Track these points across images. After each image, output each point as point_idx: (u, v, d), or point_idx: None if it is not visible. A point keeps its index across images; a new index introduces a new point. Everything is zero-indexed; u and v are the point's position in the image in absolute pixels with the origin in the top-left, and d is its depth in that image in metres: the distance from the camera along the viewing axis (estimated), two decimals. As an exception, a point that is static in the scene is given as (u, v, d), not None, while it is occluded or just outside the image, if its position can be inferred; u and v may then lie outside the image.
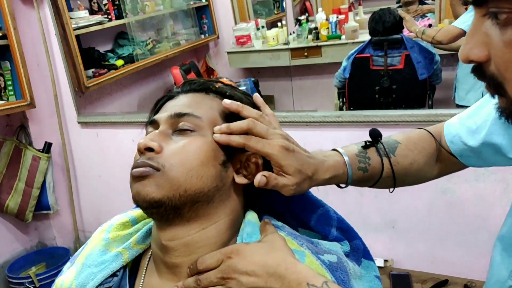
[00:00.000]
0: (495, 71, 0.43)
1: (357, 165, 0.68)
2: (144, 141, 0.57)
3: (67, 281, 0.65)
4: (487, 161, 0.72)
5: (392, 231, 1.69)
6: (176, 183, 0.55)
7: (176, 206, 0.56)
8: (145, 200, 0.55)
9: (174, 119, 0.59)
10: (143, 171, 0.56)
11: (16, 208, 2.11)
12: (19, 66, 1.94)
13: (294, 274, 0.51)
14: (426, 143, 0.75)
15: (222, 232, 0.60)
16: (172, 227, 0.58)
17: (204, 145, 0.58)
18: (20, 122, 2.20)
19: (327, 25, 2.60)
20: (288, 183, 0.58)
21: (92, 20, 2.21)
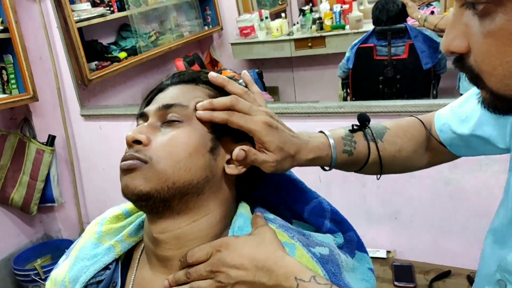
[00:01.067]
0: (473, 63, 0.42)
1: (342, 148, 0.67)
2: (132, 133, 0.56)
3: (61, 274, 0.66)
4: (476, 150, 0.71)
5: (395, 222, 1.68)
6: (164, 175, 0.55)
7: (165, 199, 0.56)
8: (133, 193, 0.55)
9: (162, 111, 0.59)
10: (131, 164, 0.55)
11: (21, 201, 2.13)
12: (21, 60, 1.95)
13: (283, 268, 0.51)
14: (416, 131, 0.74)
15: (213, 225, 0.59)
16: (162, 219, 0.58)
17: (192, 135, 0.57)
18: (24, 115, 2.21)
19: (331, 15, 2.57)
20: (268, 159, 0.58)
21: (94, 13, 2.20)
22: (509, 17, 0.37)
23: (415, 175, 1.60)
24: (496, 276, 0.63)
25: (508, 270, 0.61)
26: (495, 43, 0.39)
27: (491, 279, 0.65)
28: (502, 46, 0.39)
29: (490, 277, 0.65)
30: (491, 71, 0.41)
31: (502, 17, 0.37)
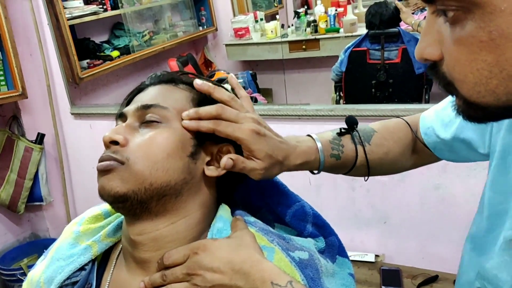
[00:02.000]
0: (445, 71, 0.42)
1: (330, 152, 0.67)
2: (109, 134, 0.56)
3: (37, 275, 0.65)
4: (459, 155, 0.71)
5: (384, 226, 1.68)
6: (141, 176, 0.54)
7: (142, 200, 0.55)
8: (110, 194, 0.54)
9: (141, 111, 0.58)
10: (107, 164, 0.54)
11: (8, 199, 2.10)
12: (10, 56, 1.92)
13: (259, 272, 0.50)
14: (403, 133, 0.74)
15: (192, 227, 0.58)
16: (140, 221, 0.57)
17: (170, 136, 0.56)
18: (13, 112, 2.18)
19: (326, 18, 2.57)
20: (256, 167, 0.57)
21: (86, 10, 2.18)
22: (478, 24, 0.37)
23: (405, 180, 1.60)
24: (475, 284, 0.63)
25: (486, 277, 0.60)
26: (465, 50, 0.39)
27: (471, 287, 0.64)
28: (471, 54, 0.38)
29: (469, 284, 0.65)
30: (462, 79, 0.40)
31: (471, 24, 0.37)
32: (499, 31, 0.36)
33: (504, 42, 0.36)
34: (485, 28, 0.37)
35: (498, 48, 0.37)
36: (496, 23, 0.36)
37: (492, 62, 0.38)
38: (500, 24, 0.36)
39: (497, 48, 0.37)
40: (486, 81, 0.39)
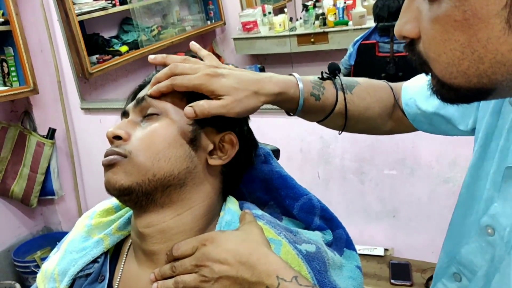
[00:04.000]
0: (422, 49, 0.42)
1: (310, 91, 0.65)
2: (111, 129, 0.57)
3: (51, 267, 0.66)
4: (438, 128, 0.71)
5: (393, 220, 1.67)
6: (144, 168, 0.55)
7: (147, 192, 0.56)
8: (115, 188, 0.56)
9: (140, 105, 0.60)
10: (111, 159, 0.56)
11: (21, 193, 2.14)
12: (21, 52, 1.95)
13: (265, 265, 0.50)
14: (385, 95, 0.73)
15: (198, 218, 0.59)
16: (147, 214, 0.58)
17: (169, 126, 0.57)
18: (25, 108, 2.21)
19: (334, 11, 2.55)
20: (223, 103, 0.56)
21: (95, 6, 2.20)
22: (453, 3, 0.37)
23: (414, 174, 1.59)
24: (451, 269, 0.64)
25: (462, 263, 0.61)
26: (441, 29, 0.38)
27: (447, 272, 0.65)
28: (446, 33, 0.38)
29: (446, 270, 0.66)
30: (436, 58, 0.40)
31: (448, 2, 0.37)
32: (473, 11, 0.36)
33: (477, 22, 0.36)
34: (460, 7, 0.36)
35: (471, 28, 0.37)
36: (470, 2, 0.36)
37: (465, 43, 0.38)
38: (474, 3, 0.36)
39: (470, 28, 0.37)
40: (458, 62, 0.39)
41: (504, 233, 0.53)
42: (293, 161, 1.73)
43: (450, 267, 0.64)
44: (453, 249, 0.64)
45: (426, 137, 1.52)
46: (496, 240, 0.55)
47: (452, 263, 0.64)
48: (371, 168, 1.63)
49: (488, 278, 0.57)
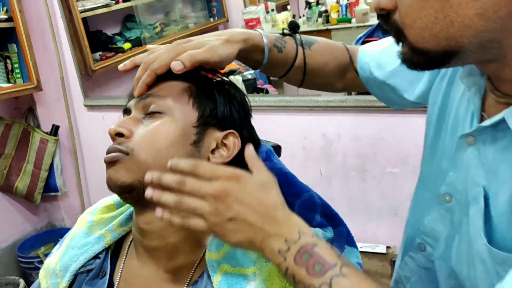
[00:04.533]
0: (397, 18, 0.47)
1: (273, 43, 0.70)
2: (113, 127, 0.58)
3: (53, 263, 0.67)
4: (386, 96, 0.78)
5: (395, 217, 1.67)
6: (145, 166, 0.55)
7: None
8: (117, 185, 0.56)
9: (142, 103, 0.60)
10: (113, 156, 0.56)
11: (25, 189, 2.15)
12: (25, 49, 1.95)
13: (288, 221, 0.49)
14: (341, 54, 0.78)
15: None
16: (147, 211, 0.58)
17: (172, 125, 0.58)
18: (28, 104, 2.22)
19: (337, 8, 2.55)
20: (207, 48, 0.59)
21: (98, 3, 2.20)
22: None
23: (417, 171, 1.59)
24: (416, 240, 0.69)
25: (425, 232, 0.66)
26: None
27: (412, 244, 0.70)
28: (422, 1, 0.44)
29: (411, 242, 0.71)
30: (412, 24, 0.46)
31: None
32: None
33: None
34: None
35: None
36: None
37: (439, 9, 0.43)
38: None
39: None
40: (432, 26, 0.44)
41: (461, 198, 0.58)
42: (296, 158, 1.72)
43: (415, 239, 0.69)
44: (416, 222, 0.70)
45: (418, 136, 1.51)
46: (454, 205, 0.60)
47: (417, 235, 0.69)
48: (373, 165, 1.63)
49: (449, 241, 0.62)
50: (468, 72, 0.55)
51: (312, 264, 0.46)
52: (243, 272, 0.53)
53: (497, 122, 0.50)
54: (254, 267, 0.53)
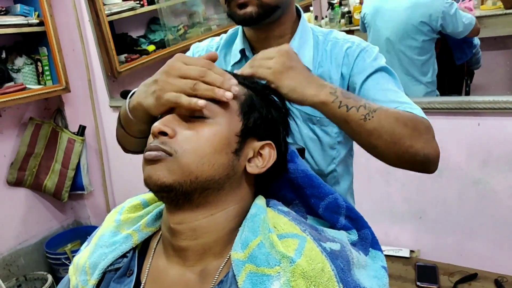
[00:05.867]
0: None
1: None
2: (158, 125, 0.57)
3: (82, 260, 0.68)
4: None
5: (419, 221, 1.64)
6: (188, 169, 0.56)
7: (186, 192, 0.57)
8: (156, 184, 0.56)
9: None
10: (156, 155, 0.56)
11: (53, 188, 2.21)
12: (55, 52, 2.01)
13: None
14: None
15: (231, 219, 0.60)
16: (181, 211, 0.59)
17: (218, 132, 0.58)
18: (57, 105, 2.29)
19: (361, 9, 2.52)
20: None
21: (124, 6, 2.25)
22: None
23: (442, 174, 1.56)
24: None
25: None
26: None
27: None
28: None
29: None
30: None
31: None
32: None
33: None
34: None
35: None
36: None
37: None
38: None
39: None
40: None
41: None
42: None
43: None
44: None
45: (456, 137, 1.48)
46: None
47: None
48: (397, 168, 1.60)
49: None
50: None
51: (353, 96, 0.70)
52: (267, 272, 0.53)
53: None
54: (278, 267, 0.53)
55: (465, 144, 1.49)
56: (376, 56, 0.86)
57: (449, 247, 1.60)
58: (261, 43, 0.89)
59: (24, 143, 2.16)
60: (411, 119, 0.73)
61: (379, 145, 0.71)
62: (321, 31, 0.91)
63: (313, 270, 0.52)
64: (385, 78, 0.84)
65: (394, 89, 0.82)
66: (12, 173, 2.14)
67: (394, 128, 0.70)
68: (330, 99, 0.68)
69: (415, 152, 0.72)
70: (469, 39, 1.91)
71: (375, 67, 0.84)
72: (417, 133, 0.72)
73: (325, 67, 0.87)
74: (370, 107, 0.69)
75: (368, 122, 0.69)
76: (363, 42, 0.88)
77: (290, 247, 0.54)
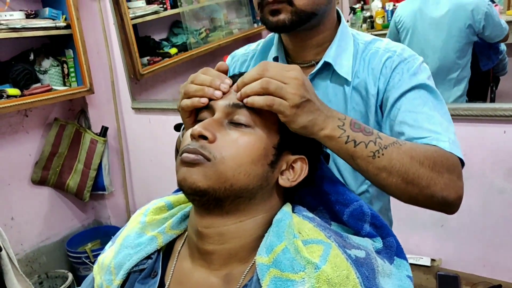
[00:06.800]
0: None
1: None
2: (199, 128, 0.57)
3: (107, 259, 0.69)
4: None
5: (441, 229, 1.61)
6: (224, 176, 0.56)
7: (219, 198, 0.57)
8: (191, 187, 0.57)
9: (231, 109, 0.60)
10: (194, 158, 0.57)
11: (75, 187, 2.26)
12: (80, 54, 2.06)
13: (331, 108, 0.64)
14: None
15: (259, 226, 0.61)
16: (210, 215, 0.59)
17: (257, 143, 0.58)
18: (81, 107, 2.34)
19: (383, 14, 2.50)
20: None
21: (148, 10, 2.28)
22: None
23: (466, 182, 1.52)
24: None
25: None
26: None
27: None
28: None
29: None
30: None
31: None
32: None
33: None
34: None
35: None
36: None
37: None
38: None
39: None
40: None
41: None
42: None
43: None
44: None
45: (481, 145, 1.45)
46: None
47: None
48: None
49: None
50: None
51: (363, 128, 0.63)
52: (291, 278, 0.53)
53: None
54: (303, 273, 0.53)
55: (490, 152, 1.46)
56: (416, 70, 0.77)
57: (473, 256, 1.56)
58: (297, 51, 0.85)
59: (48, 143, 2.21)
60: (431, 157, 0.65)
61: (388, 184, 0.63)
62: (363, 38, 0.84)
63: (338, 277, 0.52)
64: (421, 98, 0.75)
65: (429, 113, 0.73)
66: (37, 172, 2.20)
67: (408, 168, 0.62)
68: (337, 133, 0.61)
69: (431, 194, 0.65)
70: (495, 45, 1.87)
71: (412, 84, 0.75)
72: (436, 173, 0.64)
73: (361, 78, 0.80)
74: (381, 143, 0.62)
75: (377, 160, 0.62)
76: (405, 52, 0.79)
77: (315, 253, 0.54)
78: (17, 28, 1.84)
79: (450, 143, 0.69)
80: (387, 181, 0.63)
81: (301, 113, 0.58)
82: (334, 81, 0.83)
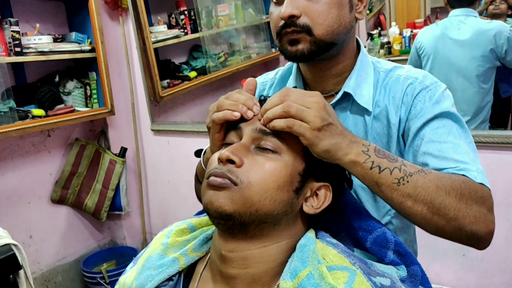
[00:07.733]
0: (306, 20, 0.73)
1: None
2: (227, 152, 0.58)
3: (129, 280, 0.70)
4: None
5: (462, 259, 1.57)
6: (250, 201, 0.57)
7: (244, 223, 0.58)
8: (217, 211, 0.57)
9: (258, 135, 0.61)
10: (221, 182, 0.57)
11: (93, 207, 2.28)
12: (103, 77, 2.12)
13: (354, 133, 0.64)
14: None
15: (283, 252, 0.61)
16: (234, 239, 0.60)
17: (283, 169, 0.59)
18: (101, 127, 2.38)
19: (400, 40, 2.51)
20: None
21: (169, 34, 2.34)
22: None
23: (488, 210, 1.49)
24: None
25: None
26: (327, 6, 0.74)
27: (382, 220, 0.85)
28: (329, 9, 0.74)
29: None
30: (322, 22, 0.73)
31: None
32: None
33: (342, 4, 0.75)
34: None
35: (340, 7, 0.75)
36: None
37: (337, 14, 0.74)
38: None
39: (340, 7, 0.75)
40: (333, 24, 0.74)
41: None
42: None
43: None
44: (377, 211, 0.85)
45: (503, 173, 1.43)
46: None
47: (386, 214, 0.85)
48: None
49: None
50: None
51: (387, 155, 0.62)
52: None
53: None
54: None
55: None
56: (439, 98, 0.74)
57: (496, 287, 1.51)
58: (316, 81, 0.83)
59: (69, 162, 2.26)
60: (459, 187, 0.62)
61: (414, 213, 0.61)
62: (384, 66, 0.82)
63: None
64: (445, 127, 0.72)
65: (454, 142, 0.70)
66: (56, 191, 2.23)
67: (433, 197, 0.60)
68: (362, 159, 0.60)
69: (459, 226, 0.62)
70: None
71: (435, 112, 0.73)
72: (465, 204, 0.61)
73: (382, 107, 0.78)
74: (406, 170, 0.60)
75: (402, 187, 0.60)
76: (427, 79, 0.77)
77: (339, 279, 0.54)
78: (45, 52, 1.91)
79: (479, 173, 0.67)
80: (412, 210, 0.61)
81: (323, 137, 0.58)
82: (354, 111, 0.81)
